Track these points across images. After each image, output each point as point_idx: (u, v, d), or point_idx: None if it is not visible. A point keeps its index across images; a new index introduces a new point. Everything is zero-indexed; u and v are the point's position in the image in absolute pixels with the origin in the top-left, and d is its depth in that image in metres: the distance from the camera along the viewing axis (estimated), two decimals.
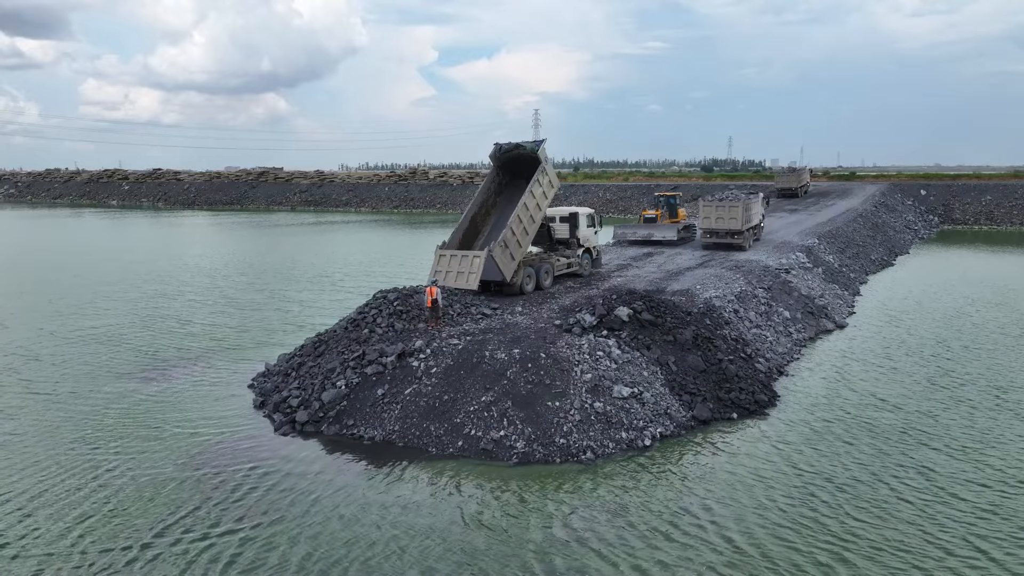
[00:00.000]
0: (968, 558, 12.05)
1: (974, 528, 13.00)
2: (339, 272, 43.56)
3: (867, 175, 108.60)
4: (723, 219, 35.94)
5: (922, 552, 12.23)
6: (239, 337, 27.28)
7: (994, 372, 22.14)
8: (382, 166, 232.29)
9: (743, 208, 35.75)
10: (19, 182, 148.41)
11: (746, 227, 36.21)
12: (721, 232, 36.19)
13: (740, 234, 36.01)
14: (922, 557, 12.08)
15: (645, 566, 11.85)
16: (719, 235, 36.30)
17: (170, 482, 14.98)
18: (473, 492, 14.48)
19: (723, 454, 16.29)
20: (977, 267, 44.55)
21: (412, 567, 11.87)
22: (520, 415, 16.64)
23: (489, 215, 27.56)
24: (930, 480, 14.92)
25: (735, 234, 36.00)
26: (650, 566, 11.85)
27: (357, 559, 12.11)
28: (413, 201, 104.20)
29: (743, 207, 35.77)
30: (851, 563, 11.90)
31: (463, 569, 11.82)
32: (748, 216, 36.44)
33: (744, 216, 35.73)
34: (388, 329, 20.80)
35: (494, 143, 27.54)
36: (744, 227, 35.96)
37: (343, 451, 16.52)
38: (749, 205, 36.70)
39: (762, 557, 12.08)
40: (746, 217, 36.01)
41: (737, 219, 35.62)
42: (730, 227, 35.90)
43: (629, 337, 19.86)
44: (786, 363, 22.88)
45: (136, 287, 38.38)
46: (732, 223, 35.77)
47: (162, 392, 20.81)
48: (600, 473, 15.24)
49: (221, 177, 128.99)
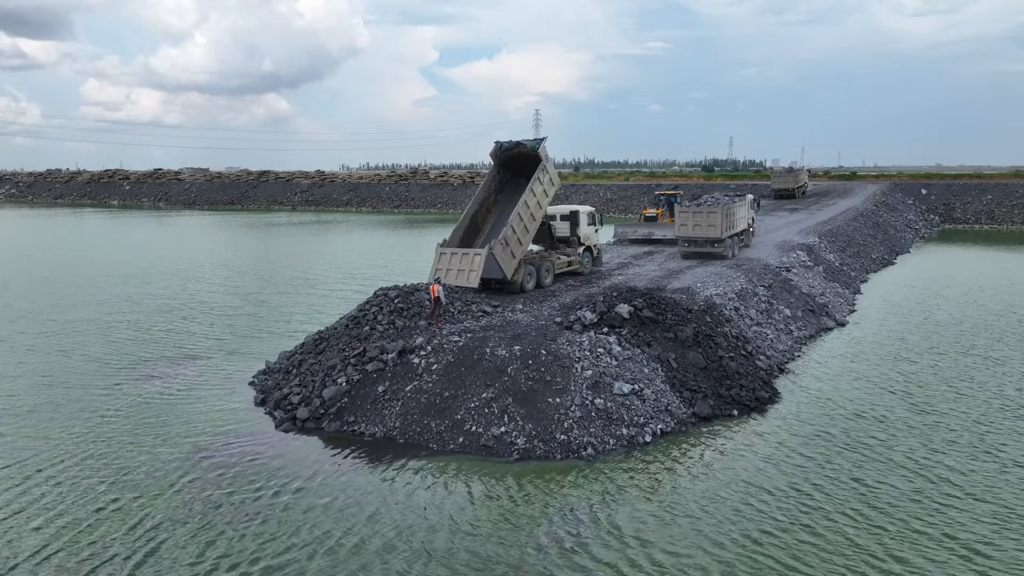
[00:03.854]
0: (970, 557, 12.05)
1: (975, 526, 13.01)
2: (339, 272, 43.60)
3: (868, 175, 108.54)
4: (700, 226, 32.92)
5: (923, 552, 12.24)
6: (238, 335, 27.30)
7: (994, 371, 22.15)
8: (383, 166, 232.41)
9: (722, 214, 32.64)
10: (20, 182, 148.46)
11: (727, 234, 33.20)
12: (699, 240, 33.15)
13: (720, 242, 32.90)
14: (923, 557, 12.09)
15: (645, 563, 11.86)
16: (697, 243, 33.28)
17: (172, 478, 15.00)
18: (474, 488, 14.49)
19: (724, 451, 16.30)
20: (978, 266, 44.55)
21: (414, 563, 11.89)
22: (521, 411, 16.66)
23: (490, 213, 27.57)
24: (931, 478, 14.93)
25: (715, 242, 32.94)
26: (649, 563, 11.86)
27: (359, 555, 12.12)
28: (414, 201, 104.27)
29: (722, 213, 32.66)
30: (852, 562, 11.90)
31: (464, 565, 11.83)
32: (730, 222, 33.52)
33: (725, 222, 32.70)
34: (389, 326, 20.83)
35: (495, 141, 27.56)
36: (725, 234, 32.84)
37: (344, 447, 16.54)
38: (731, 210, 33.75)
39: (762, 554, 12.09)
40: (727, 223, 33.07)
41: (716, 226, 32.55)
42: (709, 235, 32.78)
43: (630, 334, 19.87)
44: (787, 360, 22.90)
45: (134, 285, 38.40)
46: (711, 230, 32.69)
47: (162, 390, 20.83)
48: (601, 469, 15.26)
49: (222, 177, 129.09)
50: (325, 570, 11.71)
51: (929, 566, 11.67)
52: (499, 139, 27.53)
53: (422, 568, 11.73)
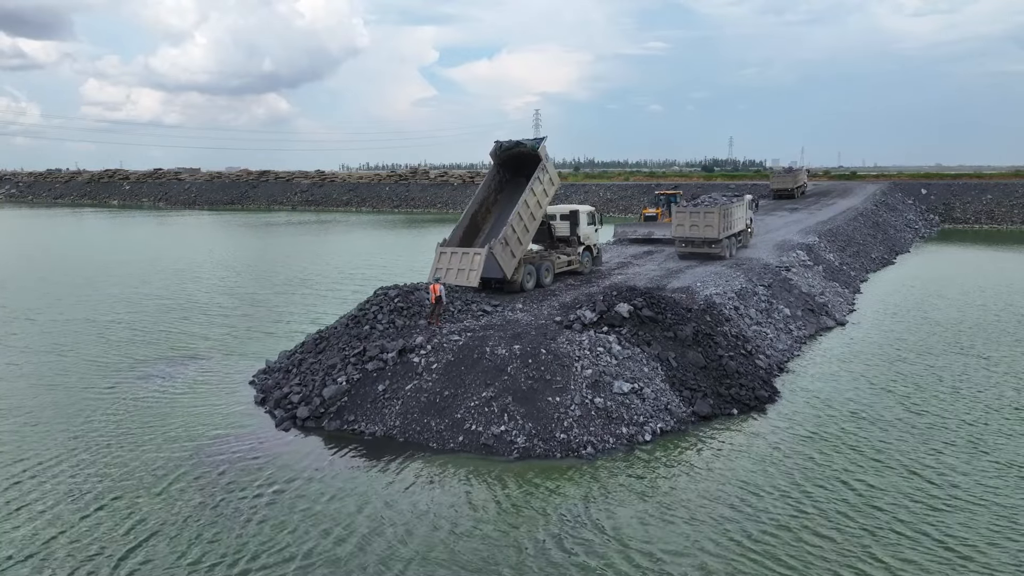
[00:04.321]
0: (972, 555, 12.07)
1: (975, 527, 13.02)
2: (339, 272, 43.60)
3: (868, 175, 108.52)
4: (698, 226, 32.64)
5: (923, 553, 12.25)
6: (237, 335, 27.31)
7: (993, 371, 22.16)
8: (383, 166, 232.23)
9: (720, 214, 32.29)
10: (20, 182, 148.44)
11: (725, 235, 32.90)
12: (696, 241, 32.90)
13: (718, 243, 32.64)
14: (924, 558, 12.11)
15: (645, 561, 11.87)
16: (694, 244, 33.04)
17: (172, 477, 15.02)
18: (474, 487, 14.51)
19: (724, 450, 16.32)
20: (978, 266, 44.55)
21: (414, 561, 11.90)
22: (521, 410, 16.67)
23: (490, 213, 27.59)
24: (931, 478, 14.95)
25: (712, 243, 32.67)
26: (649, 561, 11.87)
27: (360, 553, 12.14)
28: (413, 201, 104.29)
29: (720, 213, 32.31)
30: (851, 561, 11.92)
31: (464, 564, 11.84)
32: (728, 223, 33.14)
33: (722, 223, 32.40)
34: (389, 326, 20.84)
35: (495, 141, 27.57)
36: (722, 235, 32.57)
37: (344, 446, 16.56)
38: (729, 210, 33.39)
39: (761, 553, 12.11)
40: (725, 224, 32.72)
41: (713, 226, 32.28)
42: (706, 235, 32.52)
43: (630, 333, 19.89)
44: (786, 360, 22.91)
45: (133, 285, 38.41)
46: (708, 231, 32.44)
47: (161, 389, 20.85)
48: (600, 468, 15.27)
49: (222, 177, 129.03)
50: (325, 569, 11.71)
51: (931, 567, 11.68)
52: (499, 139, 27.57)
53: (422, 568, 11.74)
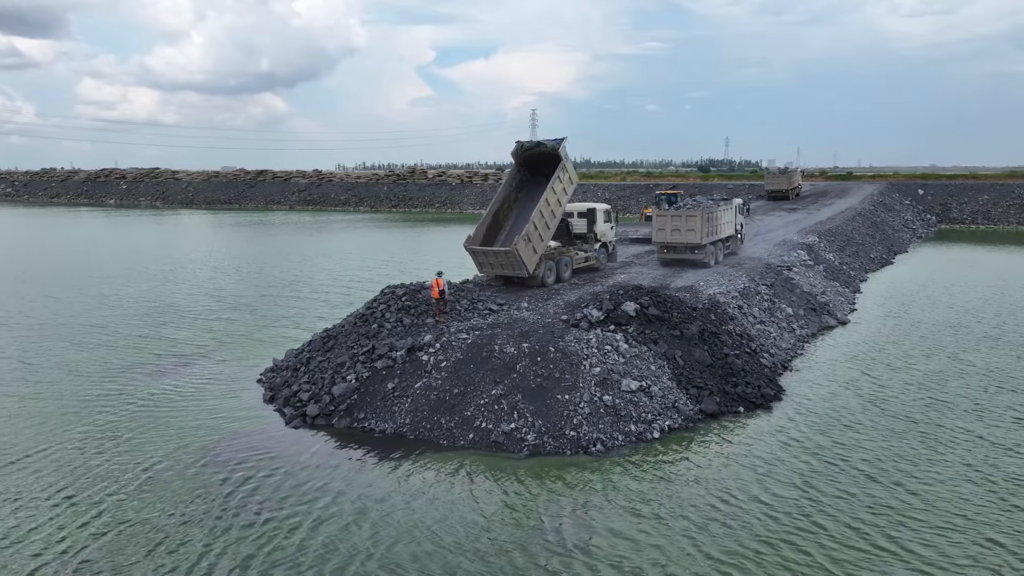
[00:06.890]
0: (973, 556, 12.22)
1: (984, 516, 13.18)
2: (338, 272, 43.65)
3: (864, 175, 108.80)
4: (680, 231, 30.45)
5: (936, 548, 12.40)
6: (245, 333, 27.37)
7: (995, 368, 22.36)
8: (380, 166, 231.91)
9: (703, 218, 30.02)
10: (16, 181, 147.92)
11: (710, 240, 30.57)
12: (679, 246, 30.76)
13: (701, 248, 30.41)
14: (936, 553, 12.25)
15: (653, 557, 12.00)
16: (676, 250, 30.91)
17: (185, 475, 15.10)
18: (485, 484, 14.62)
19: (730, 447, 16.46)
20: (976, 266, 44.83)
21: (426, 558, 12.00)
22: (530, 408, 16.79)
23: (511, 211, 28.06)
24: (930, 477, 15.11)
25: (695, 248, 30.52)
26: (658, 557, 12.00)
27: (372, 550, 12.24)
28: (411, 200, 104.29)
29: (702, 217, 30.03)
30: (851, 560, 12.06)
31: (474, 562, 11.95)
32: (712, 227, 30.79)
33: (705, 227, 30.09)
34: (397, 324, 20.94)
35: (516, 141, 28.25)
36: (706, 240, 30.28)
37: (355, 444, 16.65)
38: (713, 214, 30.94)
39: (768, 550, 12.24)
40: (709, 228, 30.43)
41: (696, 231, 30.04)
42: (688, 240, 30.36)
43: (636, 332, 20.02)
44: (790, 358, 23.08)
45: (141, 284, 38.42)
46: (690, 235, 30.22)
47: (170, 387, 20.90)
48: (610, 465, 15.40)
49: (219, 176, 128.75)
50: (335, 566, 11.81)
51: (942, 561, 11.84)
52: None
53: (433, 565, 11.84)
